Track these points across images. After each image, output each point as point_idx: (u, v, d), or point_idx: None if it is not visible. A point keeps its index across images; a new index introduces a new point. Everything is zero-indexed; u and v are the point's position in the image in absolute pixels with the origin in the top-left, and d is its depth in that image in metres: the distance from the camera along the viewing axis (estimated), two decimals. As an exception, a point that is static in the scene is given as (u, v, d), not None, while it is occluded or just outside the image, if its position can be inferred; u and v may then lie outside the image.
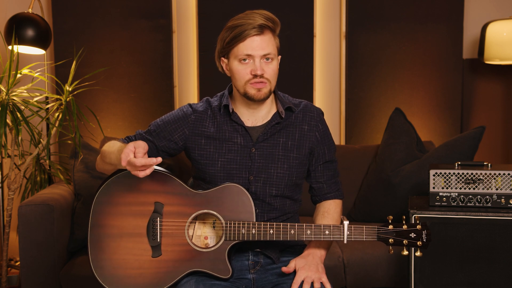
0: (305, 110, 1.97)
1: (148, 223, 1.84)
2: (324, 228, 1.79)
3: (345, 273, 2.69)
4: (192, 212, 1.83)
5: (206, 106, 1.98)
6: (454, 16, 3.48)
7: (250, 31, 1.81)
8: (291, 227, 1.80)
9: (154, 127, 1.98)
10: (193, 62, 3.56)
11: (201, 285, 1.77)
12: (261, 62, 1.83)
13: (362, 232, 1.78)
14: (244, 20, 1.83)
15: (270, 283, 1.88)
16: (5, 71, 2.90)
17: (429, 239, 1.77)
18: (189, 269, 1.81)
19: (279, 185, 1.92)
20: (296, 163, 1.94)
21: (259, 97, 1.86)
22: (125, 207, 1.85)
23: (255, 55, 1.83)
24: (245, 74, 1.85)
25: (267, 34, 1.84)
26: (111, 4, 3.43)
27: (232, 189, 1.83)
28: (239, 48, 1.83)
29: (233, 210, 1.82)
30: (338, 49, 3.58)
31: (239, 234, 1.80)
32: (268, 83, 1.86)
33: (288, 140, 1.93)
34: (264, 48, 1.83)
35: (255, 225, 1.79)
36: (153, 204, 1.84)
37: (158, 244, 1.82)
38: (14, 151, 2.97)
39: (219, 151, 1.92)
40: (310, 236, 1.80)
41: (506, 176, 2.27)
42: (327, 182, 2.00)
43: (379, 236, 1.77)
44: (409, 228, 1.77)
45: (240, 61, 1.85)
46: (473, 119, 3.59)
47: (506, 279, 2.24)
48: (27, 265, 2.61)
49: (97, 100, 3.45)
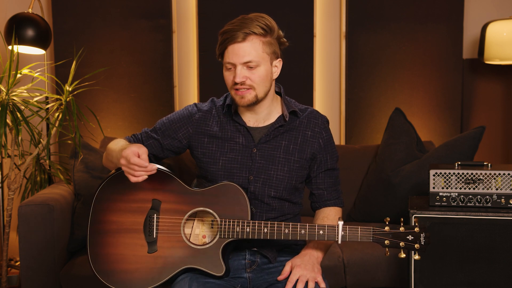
0: (310, 117, 1.98)
1: (145, 220, 1.87)
2: (319, 228, 1.80)
3: (345, 273, 2.69)
4: (188, 210, 1.86)
5: (211, 105, 2.00)
6: (454, 16, 3.48)
7: (231, 38, 1.83)
8: (286, 226, 1.81)
9: (160, 125, 2.02)
10: (193, 62, 3.56)
11: (195, 283, 1.79)
12: (242, 69, 1.84)
13: (357, 233, 1.77)
14: (232, 26, 1.84)
15: (266, 282, 1.90)
16: (5, 71, 2.90)
17: (427, 242, 1.73)
18: (184, 266, 1.83)
19: (278, 187, 1.93)
20: (297, 167, 1.95)
21: (242, 104, 1.88)
22: (124, 204, 1.89)
23: (236, 63, 1.84)
24: (230, 80, 1.88)
25: (251, 40, 1.83)
26: (111, 4, 3.43)
27: (229, 188, 1.86)
28: (225, 56, 1.87)
29: (229, 209, 1.84)
30: (338, 49, 3.57)
31: (234, 232, 1.81)
32: (253, 89, 1.87)
33: (290, 143, 1.95)
34: (245, 56, 1.83)
35: (250, 224, 1.81)
36: (150, 201, 1.88)
37: (154, 240, 1.86)
38: (14, 151, 2.97)
39: (221, 150, 1.94)
40: (304, 236, 1.81)
41: (506, 176, 2.27)
42: (328, 189, 2.01)
43: (374, 237, 1.76)
44: (406, 230, 1.74)
45: (226, 68, 1.88)
46: (473, 119, 3.59)
47: (506, 279, 2.24)
48: (27, 265, 2.61)
49: (97, 100, 3.45)
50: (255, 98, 1.88)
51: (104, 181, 1.91)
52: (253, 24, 1.83)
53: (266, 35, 1.86)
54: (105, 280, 1.85)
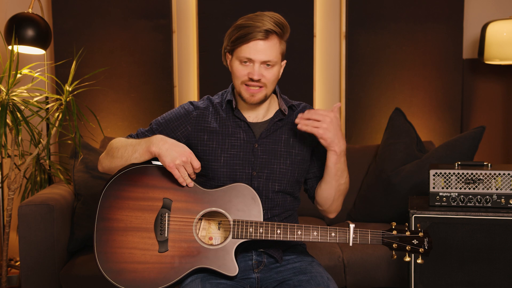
0: (304, 111, 1.98)
1: (156, 218, 1.84)
2: (330, 230, 1.81)
3: (345, 273, 2.69)
4: (200, 210, 1.84)
5: (207, 103, 2.00)
6: (454, 16, 3.48)
7: (255, 34, 1.82)
8: (298, 227, 1.81)
9: (156, 125, 1.99)
10: (193, 62, 3.56)
11: (207, 284, 1.78)
12: (260, 67, 1.85)
13: (367, 236, 1.79)
14: (253, 21, 1.84)
15: (276, 281, 1.89)
16: (5, 71, 2.90)
17: (430, 246, 1.79)
18: (195, 266, 1.81)
19: (281, 181, 1.93)
20: (299, 160, 1.96)
21: (252, 101, 1.89)
22: (133, 202, 1.85)
23: (256, 60, 1.84)
24: (243, 74, 1.87)
25: (273, 39, 1.85)
26: (111, 4, 3.43)
27: (241, 189, 1.85)
28: (242, 50, 1.85)
29: (241, 209, 1.83)
30: (338, 49, 3.57)
31: (247, 233, 1.81)
32: (265, 88, 1.88)
33: (290, 137, 1.96)
34: (266, 54, 1.84)
35: (263, 225, 1.81)
36: (161, 200, 1.85)
37: (165, 239, 1.83)
38: (14, 151, 2.97)
39: (222, 147, 1.93)
40: (317, 238, 1.81)
41: (506, 176, 2.27)
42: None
43: (384, 240, 1.79)
44: (412, 235, 1.79)
45: (241, 62, 1.87)
46: (473, 119, 3.59)
47: (506, 279, 2.24)
48: (27, 265, 2.61)
49: (97, 100, 3.45)
50: (264, 96, 1.90)
51: (114, 177, 1.86)
52: (275, 24, 1.84)
53: (282, 36, 1.88)
54: (113, 280, 1.81)
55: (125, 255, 1.82)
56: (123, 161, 1.89)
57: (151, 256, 1.82)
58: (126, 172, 1.86)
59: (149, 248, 1.82)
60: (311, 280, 1.82)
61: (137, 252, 1.82)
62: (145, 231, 1.83)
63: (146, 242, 1.82)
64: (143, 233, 1.83)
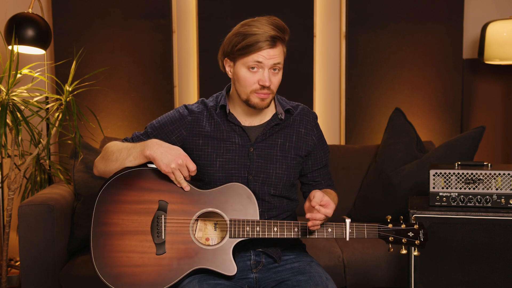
0: (302, 114, 2.01)
1: (152, 221, 1.84)
2: (327, 226, 1.82)
3: (345, 273, 2.69)
4: (196, 210, 1.85)
5: (202, 107, 1.99)
6: (454, 16, 3.48)
7: (263, 44, 1.81)
8: (295, 224, 1.82)
9: (151, 129, 1.99)
10: (193, 62, 3.56)
11: (205, 284, 1.77)
12: (269, 72, 1.85)
13: (363, 230, 1.83)
14: (257, 28, 1.82)
15: (275, 281, 1.90)
16: (5, 71, 2.90)
17: (426, 238, 1.82)
18: (194, 267, 1.81)
19: (277, 185, 1.94)
20: (294, 164, 1.97)
21: (261, 106, 1.89)
22: (128, 205, 1.85)
23: (265, 65, 1.84)
24: (252, 83, 1.85)
25: (279, 45, 1.86)
26: (111, 4, 3.43)
27: (236, 188, 1.86)
28: (253, 56, 1.83)
29: (238, 209, 1.84)
30: (338, 49, 3.57)
31: (244, 232, 1.82)
32: (272, 93, 1.89)
33: (286, 141, 1.96)
34: (275, 59, 1.85)
35: (259, 223, 1.81)
36: (157, 203, 1.85)
37: (162, 241, 1.83)
38: (14, 151, 2.97)
39: (217, 151, 1.93)
40: (313, 234, 1.83)
41: (506, 176, 2.27)
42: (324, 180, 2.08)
43: (380, 233, 1.83)
44: (407, 227, 1.83)
45: (248, 68, 1.85)
46: (473, 119, 3.59)
47: (506, 279, 2.24)
48: (27, 265, 2.61)
49: (97, 100, 3.45)
50: (270, 101, 1.92)
51: (109, 181, 1.86)
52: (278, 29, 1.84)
53: (285, 40, 1.89)
54: (113, 284, 1.81)
55: (123, 259, 1.82)
56: (118, 164, 1.89)
57: (149, 259, 1.82)
58: (121, 175, 1.86)
59: (146, 251, 1.82)
60: (310, 280, 1.82)
61: (135, 255, 1.82)
62: (142, 234, 1.84)
63: (143, 245, 1.83)
64: (140, 236, 1.83)
